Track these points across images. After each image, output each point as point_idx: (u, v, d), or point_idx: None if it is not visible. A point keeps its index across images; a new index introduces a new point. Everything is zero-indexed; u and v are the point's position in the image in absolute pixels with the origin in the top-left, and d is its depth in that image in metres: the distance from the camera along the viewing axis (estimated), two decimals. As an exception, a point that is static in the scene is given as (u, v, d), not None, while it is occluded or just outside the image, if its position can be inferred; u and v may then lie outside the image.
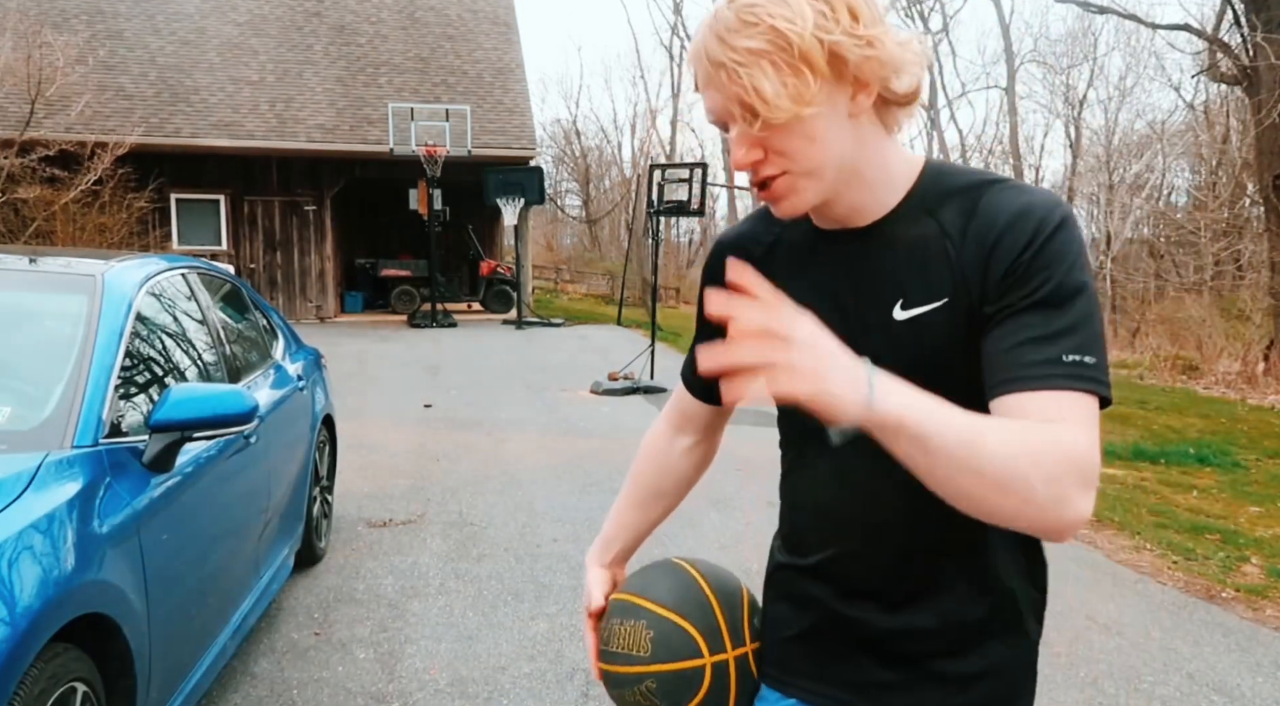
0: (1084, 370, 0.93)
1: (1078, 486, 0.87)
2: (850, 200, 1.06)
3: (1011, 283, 0.98)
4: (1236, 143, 21.22)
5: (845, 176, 1.04)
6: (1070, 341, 0.94)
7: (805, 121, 0.97)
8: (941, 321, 1.02)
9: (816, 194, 1.03)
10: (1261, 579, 4.44)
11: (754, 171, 1.02)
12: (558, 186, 40.75)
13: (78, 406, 2.24)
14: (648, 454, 1.43)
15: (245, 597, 3.10)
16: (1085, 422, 0.92)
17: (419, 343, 13.59)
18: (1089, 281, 0.98)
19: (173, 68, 17.42)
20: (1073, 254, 0.98)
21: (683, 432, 1.40)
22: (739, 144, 1.01)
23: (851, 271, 1.09)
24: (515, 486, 5.74)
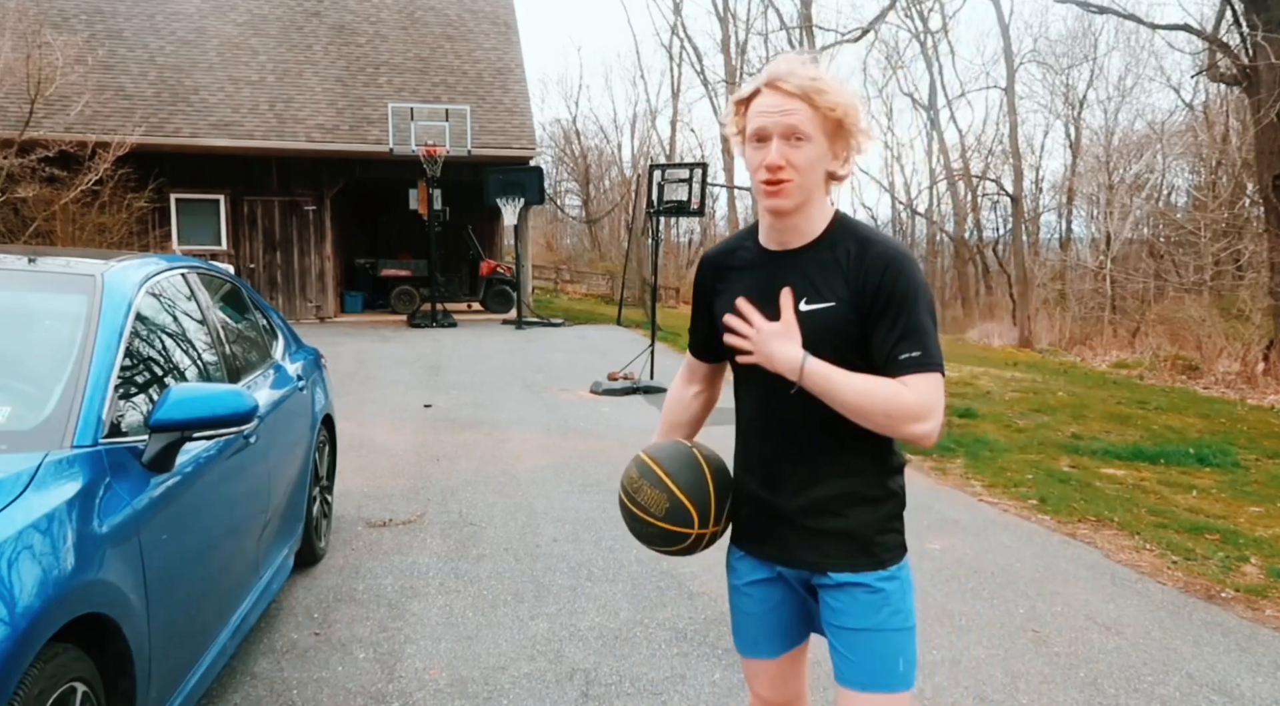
0: (920, 358, 1.66)
1: (906, 421, 1.63)
2: (798, 222, 1.72)
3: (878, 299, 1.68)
4: (1236, 143, 21.22)
5: (807, 204, 1.71)
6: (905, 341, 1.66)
7: (815, 157, 1.68)
8: (829, 314, 1.69)
9: (797, 201, 1.69)
10: (1261, 579, 4.44)
11: (775, 172, 1.66)
12: (558, 186, 40.75)
13: (77, 406, 2.24)
14: (670, 399, 2.08)
15: (245, 597, 3.10)
16: (918, 386, 1.64)
17: (419, 342, 13.59)
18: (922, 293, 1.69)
19: (173, 68, 17.41)
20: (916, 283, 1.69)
21: (691, 382, 2.05)
22: (778, 152, 1.65)
23: (779, 277, 1.74)
24: (515, 486, 5.74)
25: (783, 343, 1.67)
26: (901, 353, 1.64)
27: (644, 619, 3.74)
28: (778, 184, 1.65)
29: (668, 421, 2.07)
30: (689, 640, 3.54)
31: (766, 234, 1.78)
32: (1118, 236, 25.11)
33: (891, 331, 1.65)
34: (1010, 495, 5.88)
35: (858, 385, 1.63)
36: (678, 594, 4.01)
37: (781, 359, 1.66)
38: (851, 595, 1.75)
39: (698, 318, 1.96)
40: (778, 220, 1.72)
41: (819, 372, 1.65)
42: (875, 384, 1.63)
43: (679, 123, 37.73)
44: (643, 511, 1.83)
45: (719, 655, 3.40)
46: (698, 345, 2.00)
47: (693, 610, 3.84)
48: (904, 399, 1.62)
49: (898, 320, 1.64)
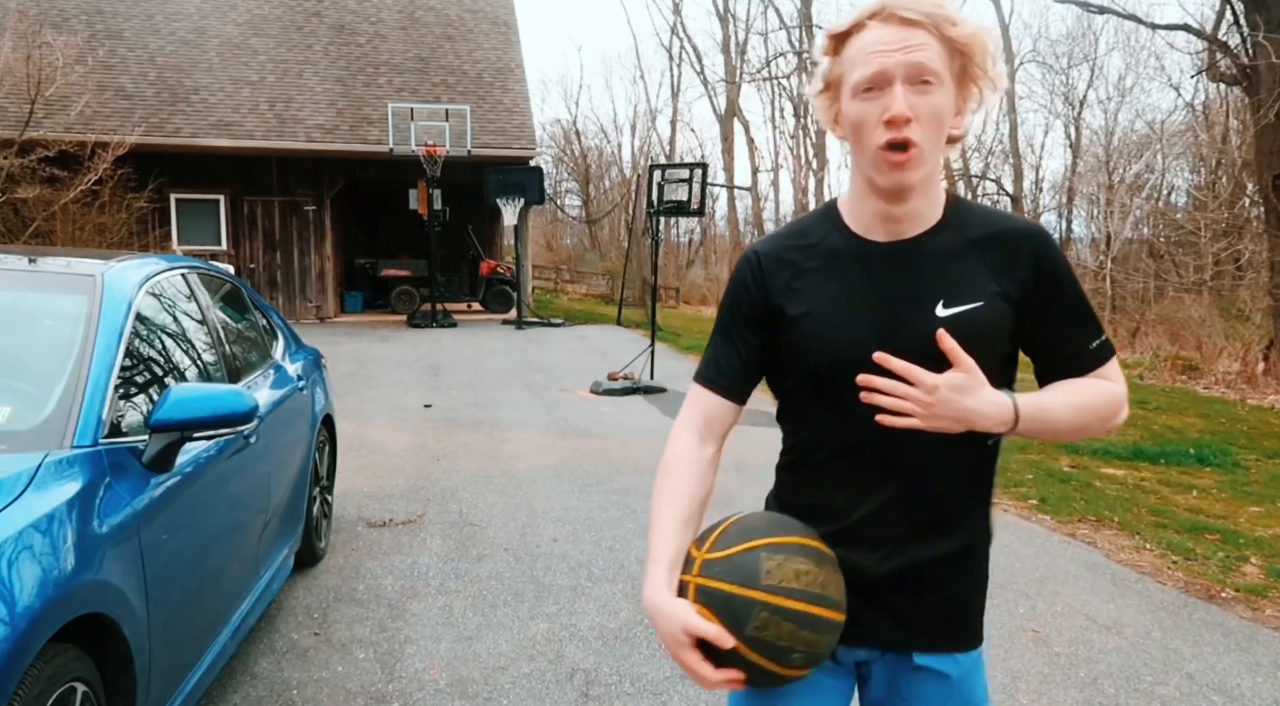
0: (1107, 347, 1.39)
1: (1118, 415, 1.38)
2: (921, 201, 1.32)
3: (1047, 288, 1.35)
4: (1236, 143, 21.22)
5: (934, 172, 1.30)
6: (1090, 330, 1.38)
7: (946, 107, 1.27)
8: (976, 317, 1.31)
9: (926, 170, 1.28)
10: (1261, 579, 4.44)
11: (903, 126, 1.23)
12: (558, 186, 40.76)
13: (77, 406, 2.24)
14: (683, 471, 1.43)
15: (245, 597, 3.10)
16: (1115, 373, 1.39)
17: (419, 343, 13.59)
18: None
19: (172, 68, 17.41)
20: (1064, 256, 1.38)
21: (707, 440, 1.47)
22: (898, 96, 1.23)
23: (899, 278, 1.33)
24: (515, 486, 5.74)
25: (975, 395, 1.27)
26: (1091, 341, 1.35)
27: (644, 619, 3.73)
28: (906, 148, 1.24)
29: (683, 507, 1.40)
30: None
31: (869, 220, 1.35)
32: (1118, 236, 25.11)
33: (1070, 321, 1.35)
34: (1010, 495, 5.88)
35: (1073, 404, 1.33)
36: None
37: (983, 416, 1.27)
38: (938, 680, 1.40)
39: (737, 339, 1.43)
40: (896, 201, 1.30)
41: (1032, 413, 1.29)
42: (1084, 394, 1.34)
43: (679, 123, 37.76)
44: (831, 608, 1.29)
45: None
46: (732, 379, 1.44)
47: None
48: (1117, 395, 1.36)
49: (1073, 306, 1.34)
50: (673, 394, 9.46)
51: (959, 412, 1.26)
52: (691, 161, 18.81)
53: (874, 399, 1.28)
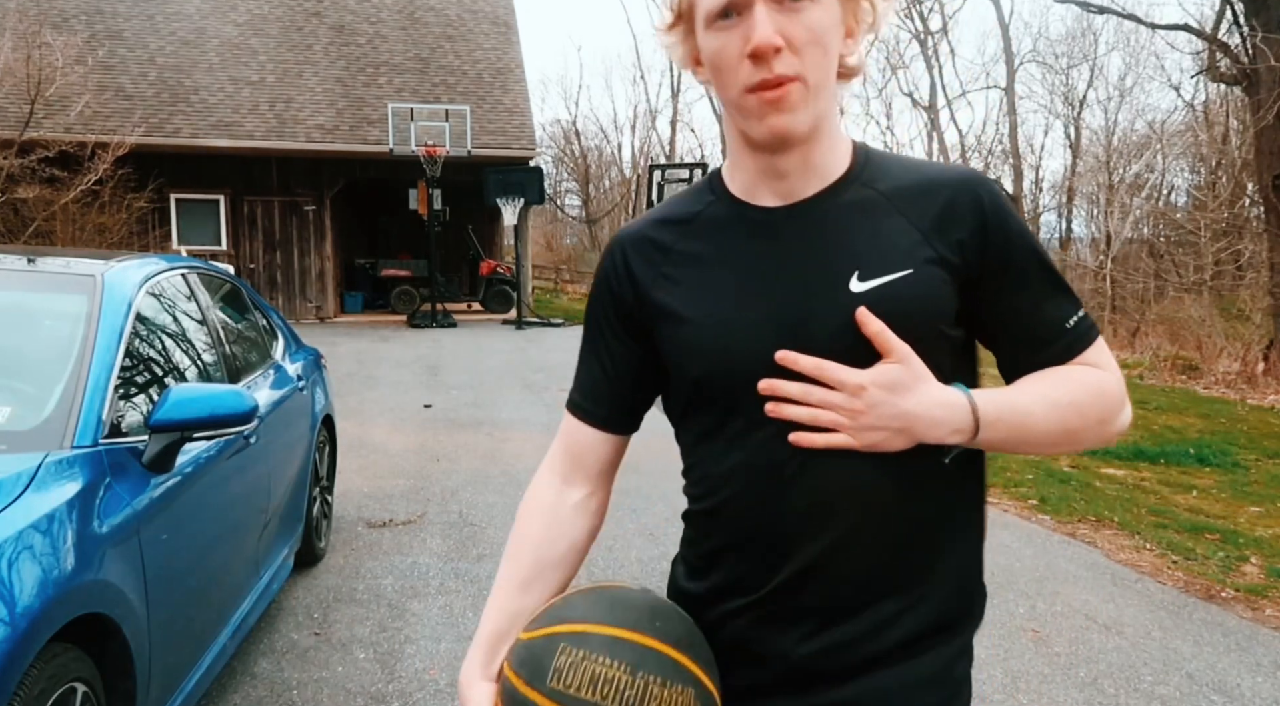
0: (1087, 321, 1.05)
1: (1116, 417, 1.05)
2: (807, 154, 1.00)
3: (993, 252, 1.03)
4: (1236, 143, 21.22)
5: (827, 112, 1.00)
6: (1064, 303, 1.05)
7: (829, 25, 0.95)
8: (905, 289, 0.98)
9: (815, 114, 0.97)
10: (1261, 579, 4.44)
11: (771, 58, 0.92)
12: (558, 186, 40.76)
13: (77, 406, 2.24)
14: (530, 520, 1.16)
15: (245, 597, 3.10)
16: (1105, 360, 1.05)
17: (419, 343, 13.59)
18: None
19: (172, 68, 17.41)
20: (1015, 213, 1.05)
21: (573, 481, 1.17)
22: (762, 20, 0.91)
23: (801, 249, 1.00)
24: (515, 486, 5.74)
25: (916, 393, 0.95)
26: (1067, 317, 1.02)
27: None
28: (779, 84, 0.93)
29: (524, 565, 1.14)
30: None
31: (752, 182, 1.04)
32: (1118, 236, 25.11)
33: (1035, 292, 1.02)
34: (1010, 495, 5.88)
35: (1053, 399, 1.00)
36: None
37: (930, 421, 0.96)
38: None
39: (601, 350, 1.13)
40: (782, 154, 1.00)
41: (998, 413, 0.98)
42: (1068, 386, 1.01)
43: (679, 123, 37.77)
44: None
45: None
46: (597, 402, 1.15)
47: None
48: (1110, 389, 1.02)
49: (1037, 272, 1.02)
50: (673, 394, 9.46)
51: (897, 419, 0.95)
52: (691, 161, 18.83)
53: (782, 411, 0.97)
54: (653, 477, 6.03)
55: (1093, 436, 1.04)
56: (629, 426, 1.18)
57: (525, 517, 1.18)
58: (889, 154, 1.07)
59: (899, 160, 1.06)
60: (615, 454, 1.19)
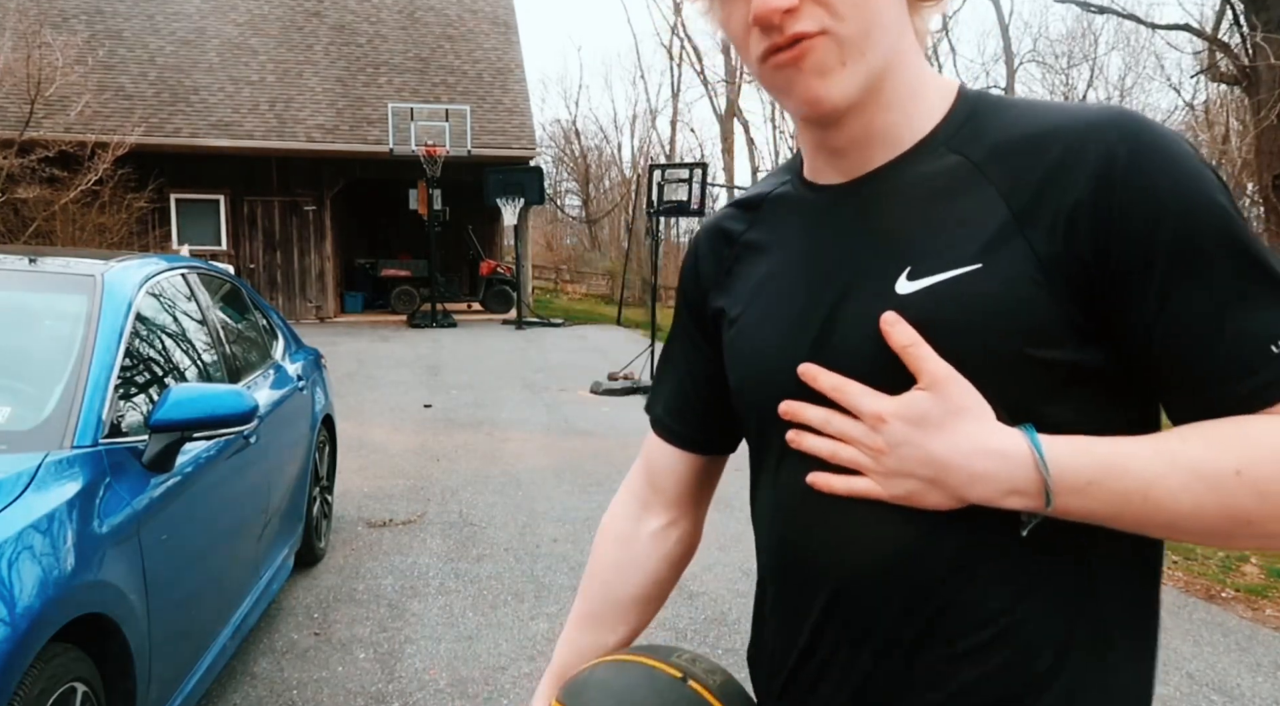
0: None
1: None
2: (869, 121, 0.77)
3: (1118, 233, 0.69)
4: (1236, 143, 21.22)
5: (887, 78, 0.75)
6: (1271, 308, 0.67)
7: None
8: (965, 290, 0.71)
9: (864, 78, 0.73)
10: (1261, 579, 4.44)
11: (781, 26, 0.71)
12: (558, 186, 40.74)
13: (77, 406, 2.24)
14: (602, 548, 1.04)
15: (245, 598, 3.10)
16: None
17: (419, 343, 13.59)
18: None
19: (173, 68, 17.41)
20: (1208, 178, 0.69)
21: (651, 507, 1.01)
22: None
23: (852, 235, 0.79)
24: (515, 486, 5.74)
25: (952, 433, 0.70)
26: (1275, 336, 0.66)
27: (644, 619, 3.73)
28: (795, 42, 0.72)
29: (594, 599, 1.03)
30: (689, 640, 3.54)
31: (815, 158, 0.83)
32: (1118, 236, 25.08)
33: (1209, 295, 0.67)
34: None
35: (1197, 465, 0.66)
36: (677, 594, 4.01)
37: (968, 473, 0.70)
38: None
39: (679, 357, 0.99)
40: (833, 129, 0.78)
41: (1088, 474, 0.68)
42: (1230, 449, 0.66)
43: (679, 123, 37.76)
44: None
45: (719, 655, 3.40)
46: (674, 416, 0.99)
47: (693, 610, 3.84)
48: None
49: (1212, 264, 0.67)
50: (673, 394, 9.46)
51: (926, 465, 0.70)
52: (691, 161, 18.80)
53: (802, 442, 0.77)
54: (653, 477, 6.04)
55: (1269, 531, 0.66)
56: (715, 446, 0.98)
57: (598, 545, 1.05)
58: (1012, 101, 0.77)
59: (1020, 108, 0.76)
60: (700, 476, 1.00)
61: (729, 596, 3.99)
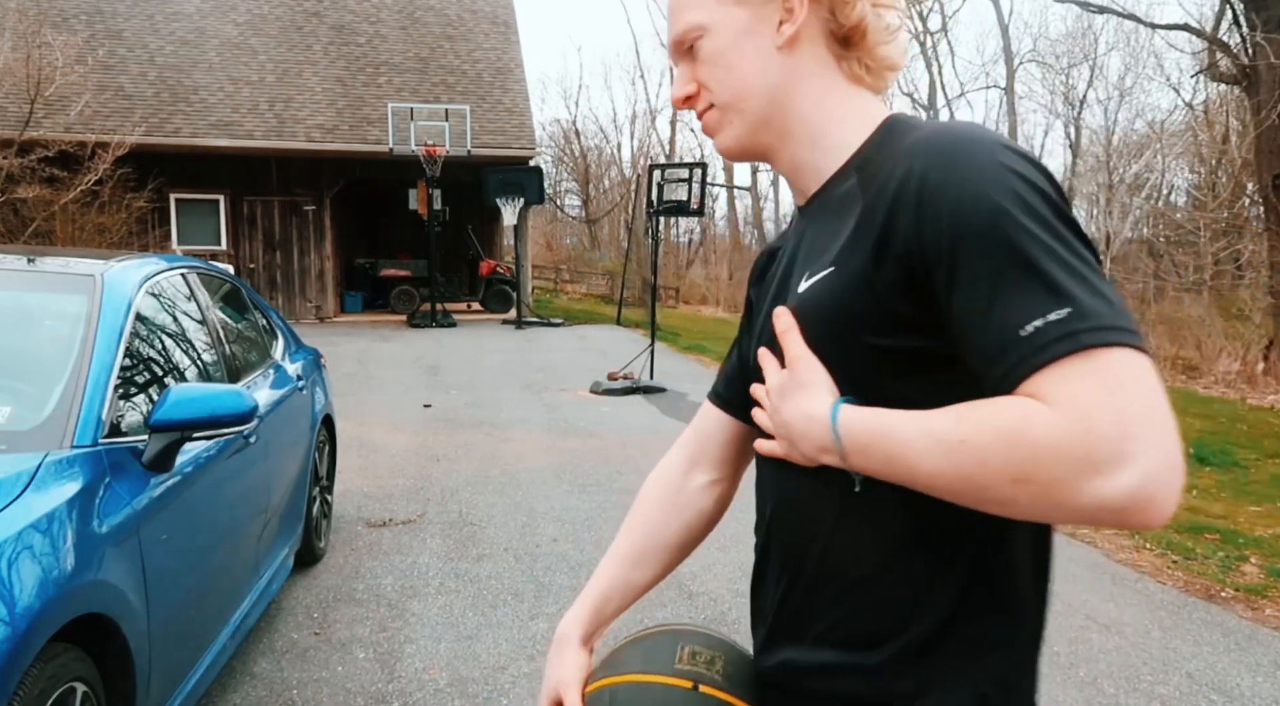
0: (1050, 331, 0.73)
1: (1071, 474, 0.71)
2: (790, 156, 0.99)
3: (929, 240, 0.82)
4: (1236, 142, 21.21)
5: (777, 123, 0.97)
6: (1016, 303, 0.76)
7: (725, 45, 0.96)
8: (823, 288, 0.89)
9: (741, 130, 0.98)
10: (1261, 579, 4.44)
11: (686, 105, 1.01)
12: (557, 186, 40.73)
13: (77, 406, 2.24)
14: (652, 492, 1.17)
15: (245, 597, 3.10)
16: (1073, 388, 0.72)
17: (419, 342, 13.59)
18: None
19: (172, 68, 17.41)
20: (996, 183, 0.79)
21: (698, 464, 1.16)
22: (677, 80, 1.02)
23: (793, 246, 1.00)
24: (515, 486, 5.74)
25: (793, 401, 0.88)
26: (1024, 321, 0.74)
27: (644, 619, 3.73)
28: (702, 117, 1.02)
29: (638, 538, 1.16)
30: (689, 640, 3.54)
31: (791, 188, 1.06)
32: (1118, 236, 25.10)
33: (979, 289, 0.77)
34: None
35: (938, 435, 0.77)
36: (677, 594, 4.01)
37: (800, 434, 0.87)
38: None
39: (743, 337, 1.14)
40: (769, 162, 1.03)
41: (867, 437, 0.82)
42: (960, 423, 0.76)
43: (679, 123, 37.75)
44: None
45: (719, 655, 3.40)
46: (729, 387, 1.14)
47: (692, 610, 3.84)
48: (1033, 435, 0.72)
49: (980, 262, 0.77)
50: (672, 394, 9.46)
51: (782, 427, 0.90)
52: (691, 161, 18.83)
53: (755, 415, 0.97)
54: (653, 477, 6.03)
55: (1011, 497, 0.73)
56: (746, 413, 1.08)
57: (646, 492, 1.18)
58: (918, 125, 0.90)
59: (912, 132, 0.89)
60: (740, 443, 1.14)
61: (729, 596, 3.99)
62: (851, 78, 0.97)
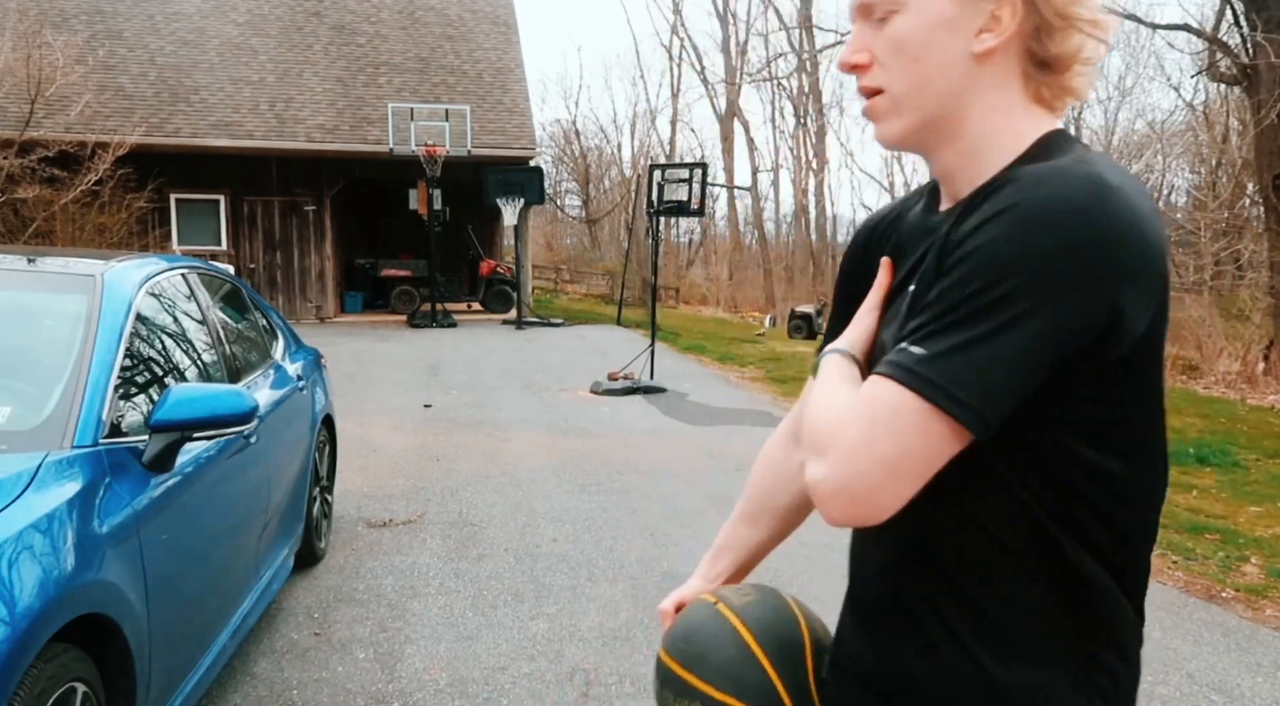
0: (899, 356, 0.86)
1: (806, 446, 0.92)
2: (947, 161, 0.97)
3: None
4: (1236, 142, 21.21)
5: (945, 126, 0.95)
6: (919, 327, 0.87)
7: (905, 41, 0.93)
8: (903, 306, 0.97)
9: (909, 126, 0.96)
10: (1261, 579, 4.44)
11: (856, 78, 0.97)
12: (558, 186, 40.72)
13: (77, 406, 2.24)
14: (762, 463, 1.28)
15: (245, 597, 3.10)
16: (855, 405, 0.88)
17: (419, 343, 13.59)
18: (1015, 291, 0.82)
19: (173, 68, 17.41)
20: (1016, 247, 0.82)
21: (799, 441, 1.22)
22: (850, 39, 0.97)
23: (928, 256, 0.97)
24: (515, 486, 5.74)
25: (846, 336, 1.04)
26: (905, 341, 0.88)
27: (644, 619, 3.73)
28: (869, 96, 0.98)
29: (750, 501, 1.28)
30: (689, 640, 3.54)
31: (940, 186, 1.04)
32: (1118, 236, 25.01)
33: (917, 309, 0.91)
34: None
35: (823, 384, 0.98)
36: (678, 594, 4.00)
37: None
38: None
39: (834, 321, 1.18)
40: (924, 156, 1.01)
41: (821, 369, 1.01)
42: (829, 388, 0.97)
43: (679, 123, 37.76)
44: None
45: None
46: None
47: (693, 610, 3.83)
48: (832, 408, 0.91)
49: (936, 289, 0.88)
50: (672, 394, 9.46)
51: None
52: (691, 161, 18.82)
53: None
54: (652, 478, 6.03)
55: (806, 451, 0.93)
56: None
57: (760, 461, 1.28)
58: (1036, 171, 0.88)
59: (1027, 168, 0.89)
60: None
61: (729, 596, 3.99)
62: (1033, 97, 0.95)
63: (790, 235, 39.30)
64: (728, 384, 10.60)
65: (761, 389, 10.24)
